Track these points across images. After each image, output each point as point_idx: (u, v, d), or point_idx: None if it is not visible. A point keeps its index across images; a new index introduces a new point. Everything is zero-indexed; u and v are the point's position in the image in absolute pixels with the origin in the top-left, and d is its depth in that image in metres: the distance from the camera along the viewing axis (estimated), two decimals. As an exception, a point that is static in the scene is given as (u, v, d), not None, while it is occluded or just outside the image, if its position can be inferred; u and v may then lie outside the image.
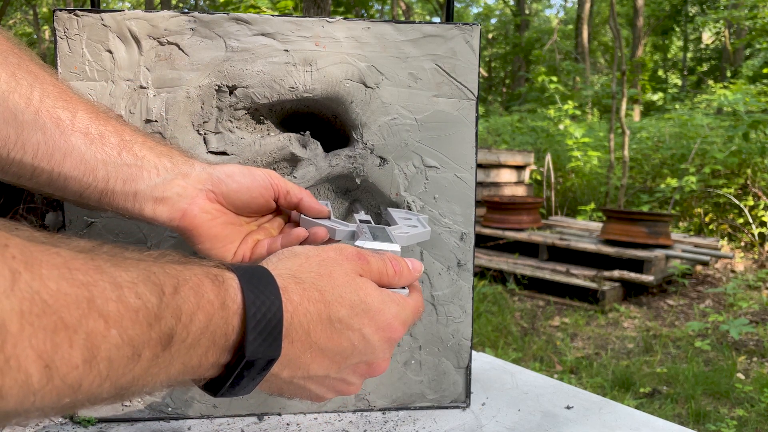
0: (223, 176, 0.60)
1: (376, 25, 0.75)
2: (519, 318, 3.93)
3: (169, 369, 0.37)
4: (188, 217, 0.59)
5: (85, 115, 0.56)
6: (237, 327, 0.40)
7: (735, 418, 2.56)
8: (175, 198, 0.59)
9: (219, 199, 0.60)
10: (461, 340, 0.82)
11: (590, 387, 2.81)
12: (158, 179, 0.58)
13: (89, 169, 0.56)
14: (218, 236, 0.61)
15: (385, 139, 0.77)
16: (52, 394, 0.30)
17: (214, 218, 0.60)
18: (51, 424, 0.75)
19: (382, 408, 0.82)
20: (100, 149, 0.56)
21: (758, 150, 6.19)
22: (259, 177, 0.61)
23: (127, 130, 0.59)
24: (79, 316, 0.30)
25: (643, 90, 11.87)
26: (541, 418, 0.80)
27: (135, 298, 0.34)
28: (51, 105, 0.54)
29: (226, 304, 0.40)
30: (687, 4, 15.92)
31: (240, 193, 0.61)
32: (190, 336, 0.37)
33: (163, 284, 0.37)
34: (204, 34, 0.72)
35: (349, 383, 0.51)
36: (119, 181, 0.57)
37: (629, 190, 7.10)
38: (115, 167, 0.57)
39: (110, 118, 0.59)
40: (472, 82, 0.77)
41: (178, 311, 0.37)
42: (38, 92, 0.54)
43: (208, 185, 0.60)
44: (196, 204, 0.59)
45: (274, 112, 0.77)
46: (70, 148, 0.55)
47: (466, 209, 0.80)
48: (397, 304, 0.51)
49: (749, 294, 4.35)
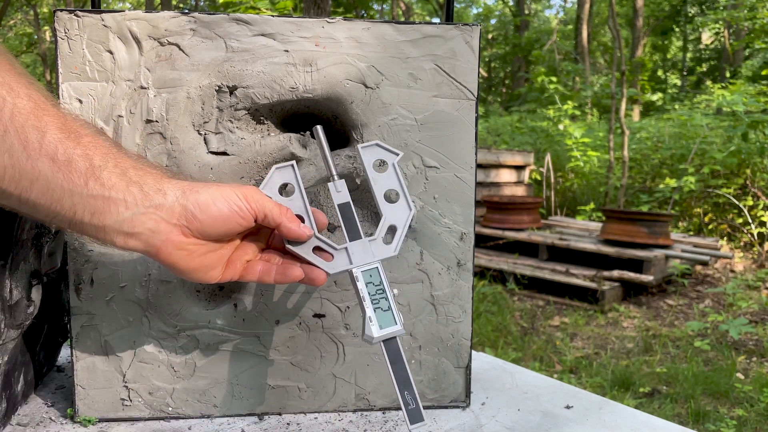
0: (197, 210, 0.57)
1: (376, 26, 0.75)
2: (519, 318, 3.93)
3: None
4: (163, 254, 0.57)
5: (56, 136, 0.53)
6: None
7: (734, 417, 2.56)
8: (148, 233, 0.56)
9: (195, 234, 0.58)
10: (461, 340, 0.82)
11: (590, 387, 2.81)
12: (127, 213, 0.55)
13: (56, 198, 0.53)
14: (198, 268, 0.59)
15: (385, 139, 0.77)
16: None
17: (191, 253, 0.58)
18: (51, 423, 0.75)
19: (382, 408, 0.82)
20: (66, 178, 0.53)
21: (757, 150, 6.20)
22: (235, 204, 0.58)
23: (98, 151, 0.55)
24: None
25: (643, 90, 11.86)
26: (541, 417, 0.80)
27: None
28: (21, 124, 0.51)
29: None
30: (686, 5, 15.92)
31: (215, 226, 0.58)
32: None
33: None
34: (204, 35, 0.72)
35: None
36: (87, 214, 0.54)
37: (629, 190, 7.10)
38: (82, 198, 0.54)
39: (81, 137, 0.55)
40: (471, 82, 0.78)
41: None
42: (9, 108, 0.51)
43: (182, 221, 0.57)
44: (171, 241, 0.57)
45: (274, 112, 0.77)
46: (36, 175, 0.52)
47: (466, 209, 0.80)
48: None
49: (749, 294, 4.36)
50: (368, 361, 0.80)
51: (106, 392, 0.76)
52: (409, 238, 0.79)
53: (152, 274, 0.75)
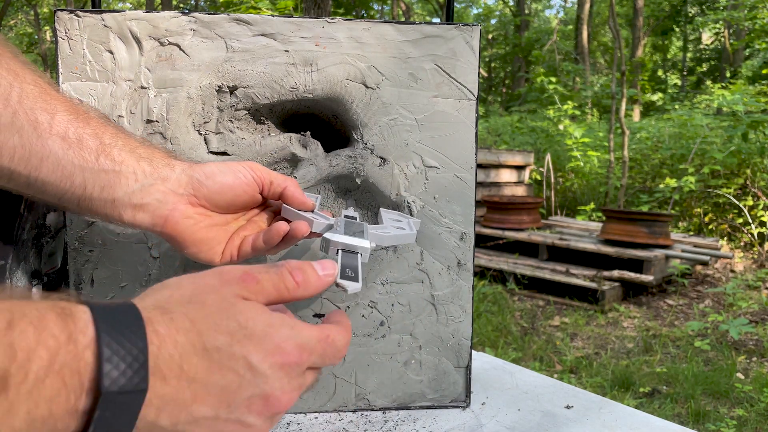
0: (203, 178, 0.58)
1: (376, 26, 0.75)
2: (519, 318, 3.93)
3: (10, 420, 0.31)
4: (170, 223, 0.58)
5: (65, 117, 0.54)
6: (91, 363, 0.34)
7: (735, 417, 2.56)
8: (156, 204, 0.57)
9: (201, 202, 0.59)
10: (461, 340, 0.82)
11: (590, 387, 2.82)
12: (136, 186, 0.56)
13: (66, 174, 0.54)
14: (203, 240, 0.59)
15: (386, 139, 0.77)
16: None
17: (197, 223, 0.59)
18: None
19: (383, 407, 0.82)
20: (78, 154, 0.54)
21: (757, 150, 6.20)
22: (240, 173, 0.60)
23: (107, 132, 0.57)
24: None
25: (643, 90, 11.87)
26: (541, 417, 0.80)
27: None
28: (29, 106, 0.52)
29: (75, 337, 0.34)
30: (687, 5, 15.93)
31: (222, 193, 0.59)
32: (30, 376, 0.32)
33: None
34: (205, 35, 0.72)
35: (248, 425, 0.42)
36: (96, 188, 0.55)
37: (629, 190, 7.10)
38: (92, 173, 0.55)
39: (91, 119, 0.56)
40: (472, 82, 0.78)
41: (11, 349, 0.31)
42: (17, 92, 0.52)
43: (189, 189, 0.58)
44: (178, 210, 0.58)
45: (274, 112, 0.77)
46: (47, 153, 0.53)
47: (466, 209, 0.80)
48: (291, 328, 0.43)
49: (749, 294, 4.36)
50: (368, 361, 0.81)
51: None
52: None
53: (152, 275, 0.75)
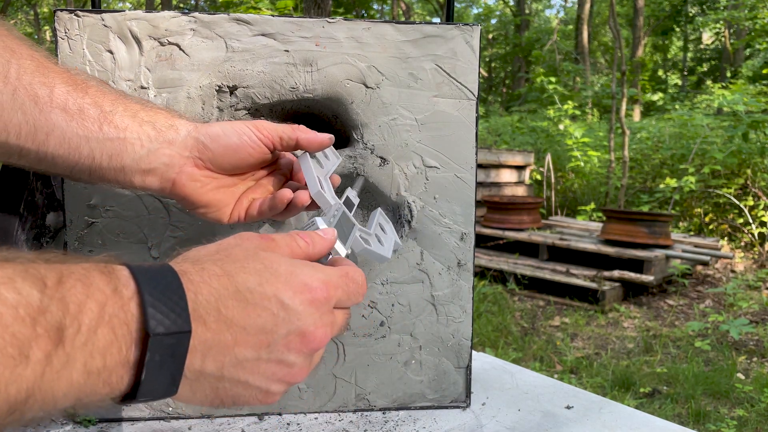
0: (208, 141, 0.58)
1: (376, 26, 0.75)
2: (519, 318, 3.93)
3: (68, 373, 0.33)
4: (178, 186, 0.58)
5: (63, 89, 0.54)
6: (136, 314, 0.36)
7: (735, 418, 2.56)
8: (163, 168, 0.58)
9: (207, 165, 0.59)
10: (461, 340, 0.82)
11: (590, 387, 2.81)
12: (143, 151, 0.57)
13: (73, 147, 0.55)
14: (211, 202, 0.60)
15: (386, 139, 0.77)
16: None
17: (204, 185, 0.59)
18: (52, 423, 0.75)
19: (383, 408, 0.82)
20: (81, 125, 0.55)
21: (758, 150, 6.20)
22: (245, 135, 0.59)
23: (107, 99, 0.57)
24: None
25: (643, 90, 11.87)
26: (541, 417, 0.80)
27: (13, 293, 0.31)
28: (28, 81, 0.53)
29: (119, 290, 0.36)
30: (687, 5, 15.92)
31: (227, 156, 0.59)
32: (83, 328, 0.34)
33: (44, 277, 0.33)
34: (205, 35, 0.72)
35: (290, 364, 0.44)
36: (105, 157, 0.56)
37: (629, 190, 7.10)
38: (98, 143, 0.55)
39: (89, 87, 0.57)
40: (472, 82, 0.78)
41: (64, 302, 0.33)
42: (15, 69, 0.52)
43: (194, 152, 0.58)
44: (185, 173, 0.58)
45: (274, 112, 0.77)
46: (51, 127, 0.53)
47: (467, 209, 0.80)
48: (312, 267, 0.46)
49: (749, 294, 4.35)
50: (368, 361, 0.80)
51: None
52: (410, 238, 0.79)
53: (152, 274, 0.75)
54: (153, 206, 0.75)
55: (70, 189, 0.73)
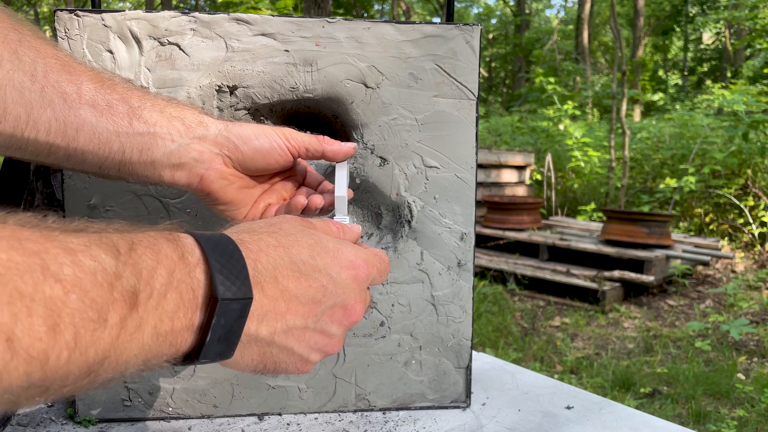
0: (240, 142, 0.60)
1: (376, 26, 0.75)
2: (519, 318, 3.93)
3: (140, 336, 0.35)
4: (205, 181, 0.60)
5: (91, 86, 0.55)
6: (202, 280, 0.39)
7: (735, 418, 2.56)
8: (192, 163, 0.59)
9: (235, 164, 0.60)
10: (461, 340, 0.82)
11: (590, 387, 2.81)
12: (173, 146, 0.58)
13: (103, 142, 0.55)
14: (233, 201, 0.62)
15: (386, 139, 0.77)
16: (19, 371, 0.28)
17: (230, 184, 0.61)
18: (52, 423, 0.75)
19: (383, 408, 0.82)
20: (110, 120, 0.55)
21: (758, 150, 6.19)
22: (276, 141, 0.61)
23: (134, 95, 0.58)
24: (34, 284, 0.29)
25: (644, 90, 11.87)
26: (542, 418, 0.80)
27: (90, 260, 0.32)
28: (55, 79, 0.53)
29: (185, 257, 0.39)
30: (687, 5, 15.92)
31: (256, 159, 0.60)
32: (154, 292, 0.36)
33: (117, 244, 0.35)
34: (205, 35, 0.72)
35: (331, 335, 0.48)
36: (135, 152, 0.57)
37: (629, 191, 7.10)
38: (129, 137, 0.56)
39: (116, 84, 0.58)
40: (472, 82, 0.77)
41: (137, 268, 0.35)
42: (41, 67, 0.53)
43: (224, 150, 0.59)
44: (213, 169, 0.59)
45: (274, 112, 0.77)
46: (81, 123, 0.54)
47: (467, 209, 0.80)
48: (353, 247, 0.50)
49: (749, 294, 4.35)
50: (368, 361, 0.80)
51: (106, 392, 0.76)
52: (410, 239, 0.79)
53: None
54: (153, 206, 0.75)
55: (70, 189, 0.73)
